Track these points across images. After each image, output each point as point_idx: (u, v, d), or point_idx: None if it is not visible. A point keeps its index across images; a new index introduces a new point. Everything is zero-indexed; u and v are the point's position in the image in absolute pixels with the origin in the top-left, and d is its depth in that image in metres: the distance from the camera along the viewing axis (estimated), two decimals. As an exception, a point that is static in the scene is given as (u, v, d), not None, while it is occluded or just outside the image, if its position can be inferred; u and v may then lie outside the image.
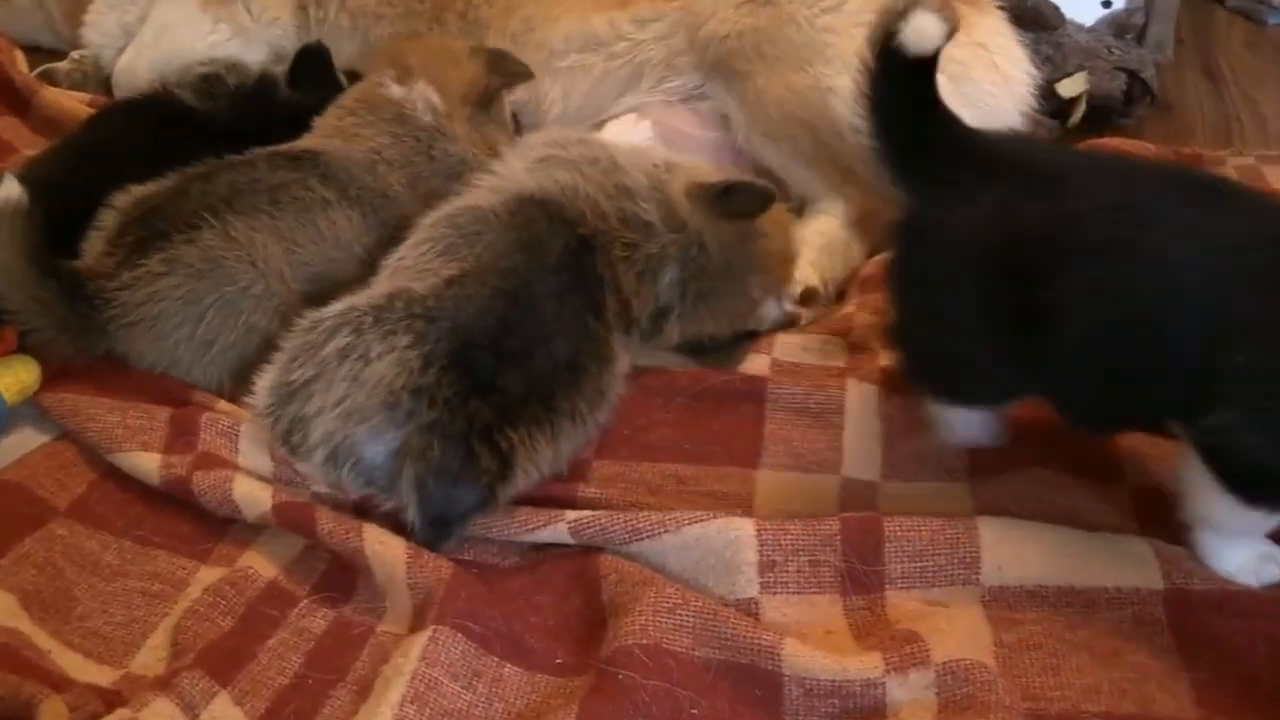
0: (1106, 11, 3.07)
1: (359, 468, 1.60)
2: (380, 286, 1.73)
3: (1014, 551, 1.53)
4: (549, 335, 1.68)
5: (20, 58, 3.00)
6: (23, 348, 1.87)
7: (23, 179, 1.97)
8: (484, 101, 2.23)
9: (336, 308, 1.66)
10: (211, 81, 2.27)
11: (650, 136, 2.26)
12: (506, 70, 2.27)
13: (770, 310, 2.06)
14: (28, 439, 1.83)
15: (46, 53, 3.16)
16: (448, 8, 2.61)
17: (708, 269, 1.90)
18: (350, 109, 2.17)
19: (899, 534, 1.55)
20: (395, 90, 2.17)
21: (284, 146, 2.08)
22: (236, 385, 1.86)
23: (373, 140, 2.10)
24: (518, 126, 2.41)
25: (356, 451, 1.59)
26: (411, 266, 1.75)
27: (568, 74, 2.50)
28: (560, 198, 1.84)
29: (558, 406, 1.66)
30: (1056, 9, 2.89)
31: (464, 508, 1.59)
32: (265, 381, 1.67)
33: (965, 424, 1.73)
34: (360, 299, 1.67)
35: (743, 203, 1.91)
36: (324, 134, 2.14)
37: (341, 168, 2.03)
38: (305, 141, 2.12)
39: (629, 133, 2.23)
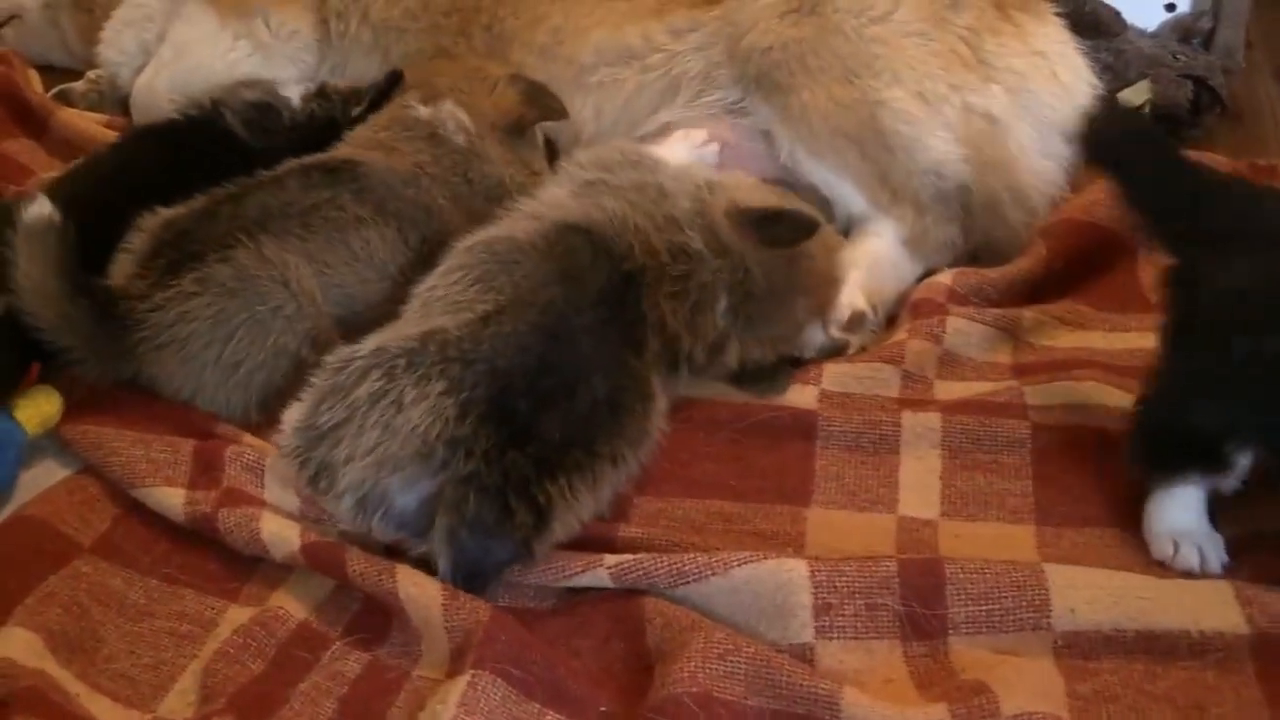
0: (1170, 15, 3.07)
1: (389, 516, 1.61)
2: (412, 324, 1.75)
3: (1086, 594, 1.53)
4: (588, 373, 1.68)
5: (35, 78, 3.05)
6: (44, 378, 1.91)
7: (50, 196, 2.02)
8: (516, 130, 2.26)
9: (367, 347, 1.68)
10: (265, 113, 2.32)
11: (714, 155, 2.27)
12: (544, 105, 2.31)
13: (815, 336, 2.07)
14: (49, 472, 1.86)
15: (61, 72, 3.21)
16: (473, 21, 2.64)
17: (754, 293, 1.91)
18: (385, 125, 2.21)
19: (961, 576, 1.56)
20: (422, 110, 2.20)
21: (321, 156, 2.12)
22: (263, 411, 1.90)
23: (414, 155, 2.14)
24: (552, 148, 2.43)
25: (387, 500, 1.60)
26: (444, 298, 1.77)
27: (599, 89, 2.52)
28: (608, 228, 1.85)
29: (599, 451, 1.66)
30: (1117, 14, 2.90)
31: (497, 561, 1.60)
32: (292, 421, 1.68)
33: (1180, 512, 1.66)
34: (392, 340, 1.68)
35: (784, 233, 1.94)
36: (362, 145, 2.17)
37: (381, 181, 2.07)
38: (343, 150, 2.16)
39: (690, 152, 2.23)
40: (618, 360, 1.74)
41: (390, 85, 2.36)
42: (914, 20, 2.31)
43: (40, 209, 1.81)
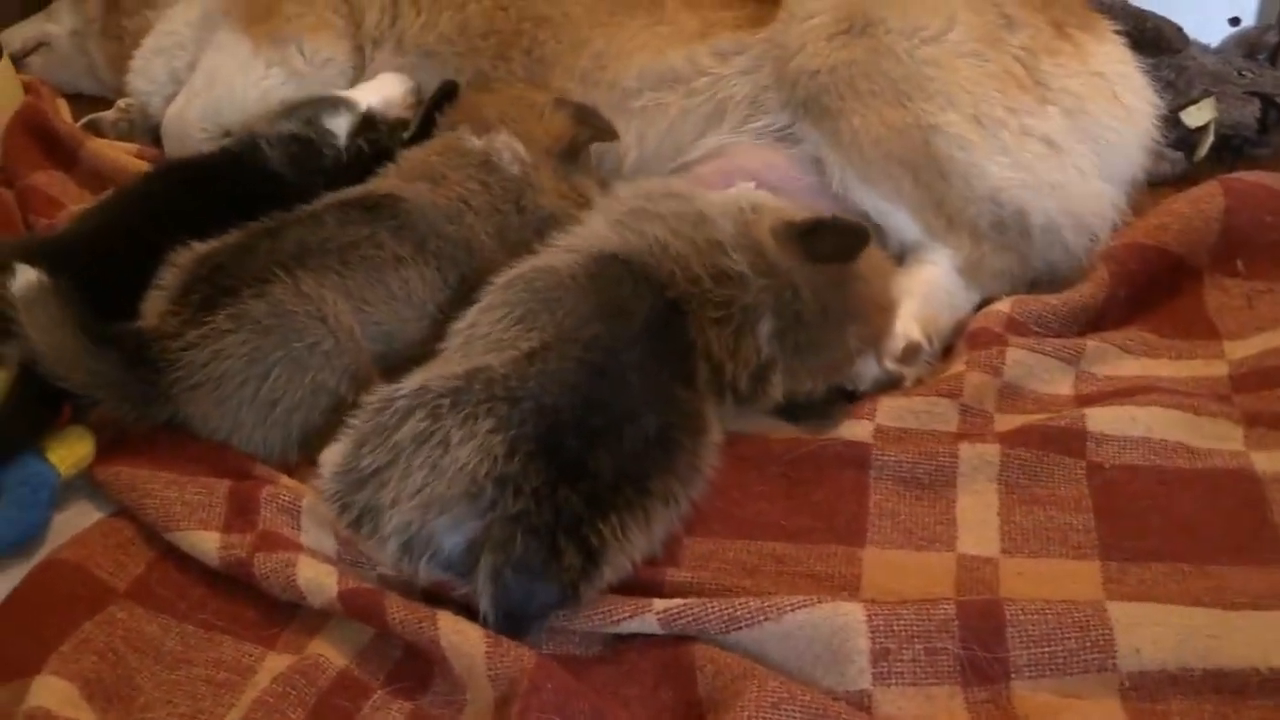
0: (1235, 30, 3.07)
1: (436, 558, 1.62)
2: (454, 362, 1.76)
3: (1151, 632, 1.52)
4: (637, 409, 1.69)
5: (64, 107, 3.09)
6: (76, 417, 1.93)
7: (74, 233, 2.14)
8: (570, 154, 2.28)
9: (408, 386, 1.69)
10: (307, 149, 2.34)
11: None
12: (595, 125, 2.33)
13: (869, 368, 2.07)
14: (83, 514, 1.88)
15: (90, 100, 3.26)
16: (512, 44, 2.67)
17: (803, 316, 1.91)
18: (438, 151, 2.24)
19: (1022, 618, 1.55)
20: (475, 142, 2.23)
21: (361, 190, 2.15)
22: (302, 451, 1.92)
23: (461, 185, 2.16)
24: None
25: (435, 543, 1.61)
26: (486, 335, 1.78)
27: (642, 114, 2.54)
28: (647, 256, 1.87)
29: (651, 489, 1.67)
30: (1179, 29, 2.90)
31: (542, 604, 1.60)
32: (331, 463, 1.70)
33: None
34: (434, 379, 1.69)
35: (833, 243, 1.93)
36: (409, 173, 2.20)
37: (422, 217, 2.09)
38: (386, 183, 2.18)
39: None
40: (667, 394, 1.75)
41: (444, 96, 2.40)
42: (968, 41, 2.31)
43: (25, 278, 1.82)
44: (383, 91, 2.55)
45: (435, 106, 2.40)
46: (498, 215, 2.16)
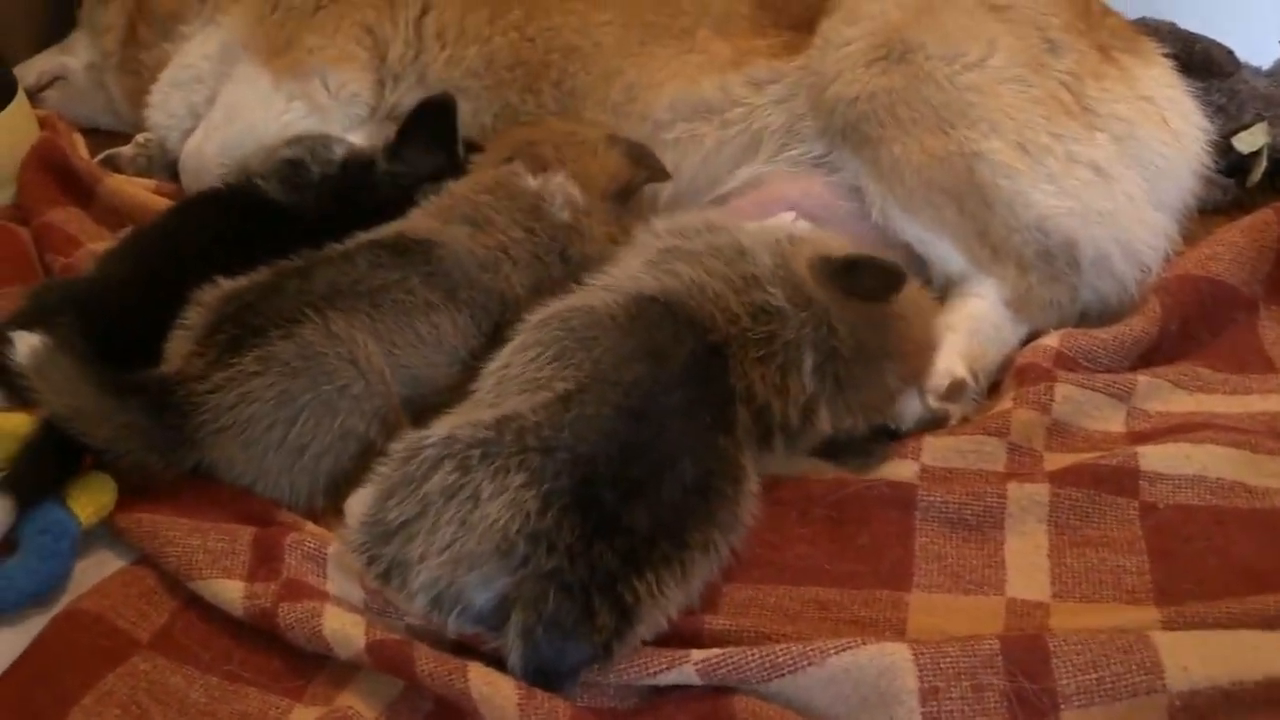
0: (1287, 52, 3.08)
1: (466, 614, 1.62)
2: (485, 407, 1.77)
3: (1198, 651, 1.52)
4: (676, 457, 1.69)
5: (81, 143, 3.11)
6: (99, 464, 1.94)
7: (99, 277, 2.15)
8: (624, 196, 2.28)
9: (436, 435, 1.69)
10: (297, 169, 2.36)
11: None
12: (649, 165, 2.34)
13: (912, 406, 2.08)
14: (104, 563, 1.89)
15: (107, 135, 3.29)
16: (541, 77, 2.69)
17: (839, 351, 1.92)
18: (488, 188, 2.24)
19: (1065, 648, 1.55)
20: (531, 181, 2.23)
21: (394, 230, 2.15)
22: (330, 497, 1.92)
23: (503, 233, 2.16)
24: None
25: (464, 599, 1.61)
26: (519, 376, 1.79)
27: (676, 146, 2.56)
28: (686, 298, 1.87)
29: (689, 541, 1.66)
30: (1229, 52, 2.90)
31: (573, 662, 1.60)
32: (358, 515, 1.71)
33: None
34: (463, 427, 1.69)
35: (869, 282, 1.94)
36: (450, 211, 2.20)
37: (456, 264, 2.09)
38: (423, 224, 2.18)
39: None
40: (707, 441, 1.74)
41: (421, 118, 2.40)
42: (1011, 66, 2.33)
43: (27, 345, 1.83)
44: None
45: (418, 123, 2.40)
46: (538, 265, 2.16)
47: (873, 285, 1.94)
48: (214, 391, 1.88)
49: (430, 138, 2.39)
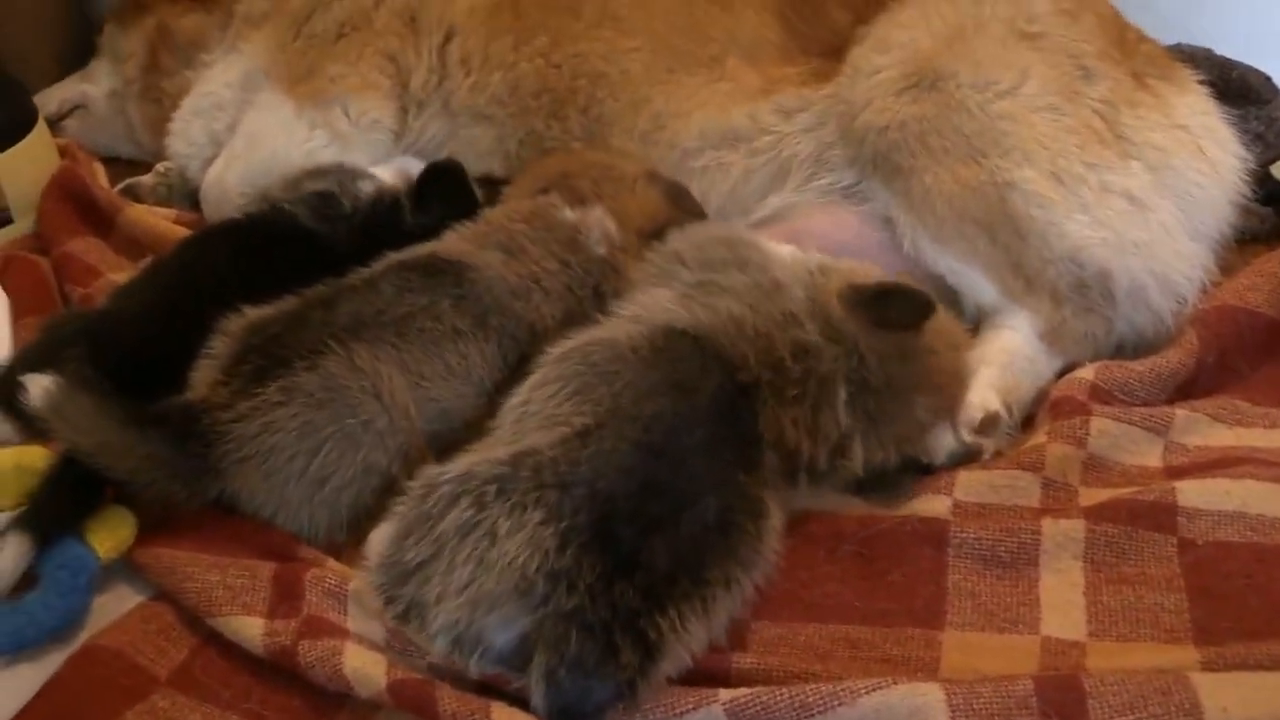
0: (1327, 80, 3.06)
1: (486, 655, 1.62)
2: (502, 445, 1.77)
3: (1239, 693, 1.52)
4: (697, 494, 1.68)
5: (101, 172, 3.15)
6: (118, 498, 1.95)
7: (114, 309, 2.17)
8: (660, 236, 2.25)
9: (452, 471, 1.69)
10: (328, 201, 2.38)
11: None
12: (687, 207, 2.34)
13: (944, 440, 2.08)
14: (122, 599, 1.90)
15: (127, 164, 3.32)
16: (567, 103, 2.71)
17: (870, 383, 1.92)
18: (524, 218, 2.24)
19: (1102, 688, 1.55)
20: (569, 214, 2.24)
21: (426, 251, 2.16)
22: (351, 533, 1.93)
23: (537, 263, 2.16)
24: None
25: (484, 640, 1.61)
26: (538, 413, 1.79)
27: (703, 175, 2.57)
28: (720, 334, 1.87)
29: (710, 577, 1.66)
30: (1267, 79, 2.90)
31: (597, 702, 1.59)
32: (376, 553, 1.71)
33: None
34: (480, 464, 1.69)
35: (898, 311, 1.94)
36: (484, 237, 2.20)
37: (487, 290, 2.10)
38: (456, 246, 2.18)
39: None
40: (728, 478, 1.74)
41: (431, 182, 2.41)
42: (1044, 94, 2.33)
43: (39, 387, 1.84)
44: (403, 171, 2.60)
45: (430, 188, 2.41)
46: (570, 298, 2.17)
47: (901, 315, 1.94)
48: (238, 420, 1.90)
49: (445, 200, 2.39)
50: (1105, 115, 2.34)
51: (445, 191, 2.40)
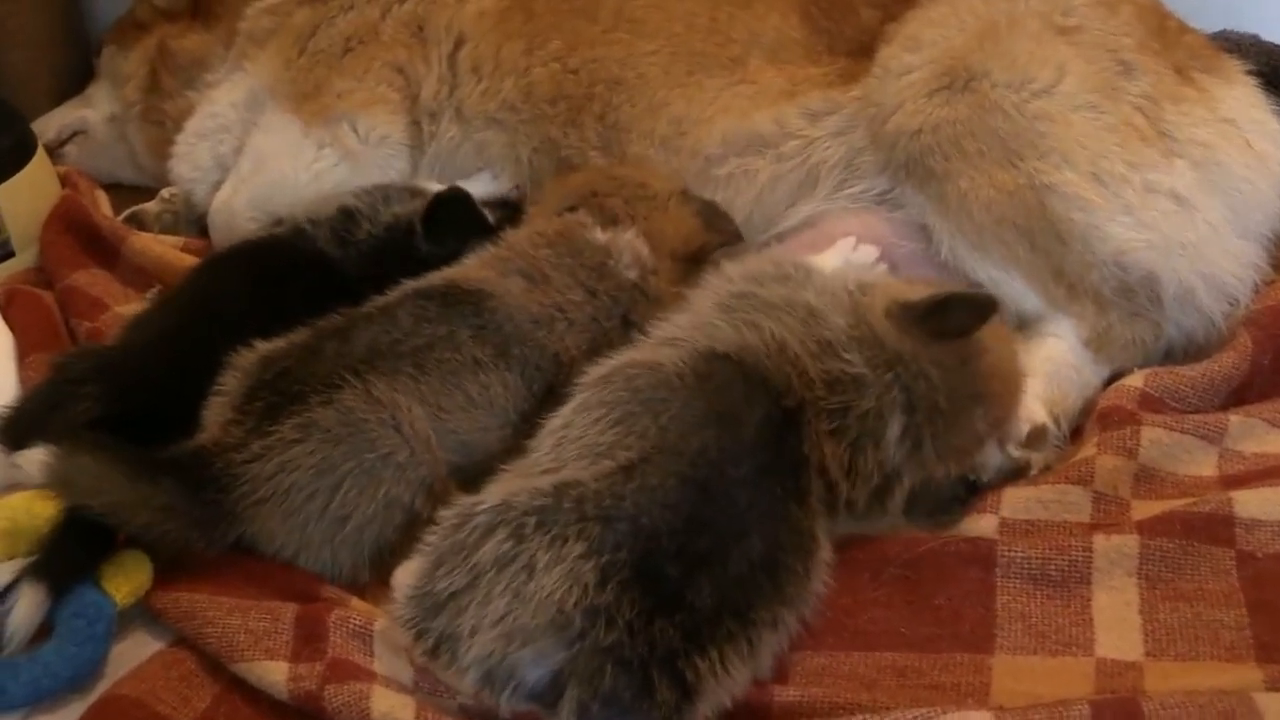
0: (1379, 64, 3.06)
1: (519, 690, 1.63)
2: (542, 467, 1.79)
3: None
4: (743, 531, 1.70)
5: (104, 199, 3.18)
6: (132, 541, 1.96)
7: (126, 345, 2.19)
8: (696, 260, 2.27)
9: (489, 501, 1.70)
10: (350, 220, 2.41)
11: (870, 257, 2.33)
12: (722, 229, 2.34)
13: (991, 455, 2.08)
14: (142, 646, 1.92)
15: (130, 191, 3.35)
16: (584, 110, 2.73)
17: (935, 401, 1.92)
18: (549, 241, 2.25)
19: (1161, 713, 1.57)
20: (599, 236, 2.25)
21: (443, 279, 2.17)
22: (374, 570, 1.94)
23: (562, 293, 2.17)
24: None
25: (518, 675, 1.62)
26: (579, 439, 1.80)
27: (728, 182, 2.58)
28: (763, 356, 1.88)
29: (756, 618, 1.67)
30: (1317, 66, 2.89)
31: None
32: (406, 586, 1.72)
33: None
34: (518, 493, 1.70)
35: (957, 318, 1.95)
36: (506, 263, 2.21)
37: (508, 319, 2.11)
38: (476, 273, 2.19)
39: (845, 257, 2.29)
40: (777, 513, 1.75)
41: (439, 213, 2.41)
42: (1082, 92, 2.34)
43: (34, 464, 1.86)
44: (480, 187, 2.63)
45: (435, 216, 2.41)
46: (595, 329, 2.17)
47: (962, 320, 1.95)
48: (253, 461, 1.91)
49: (455, 229, 2.40)
50: (1147, 112, 2.35)
51: (454, 220, 2.41)
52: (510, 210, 2.57)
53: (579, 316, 2.17)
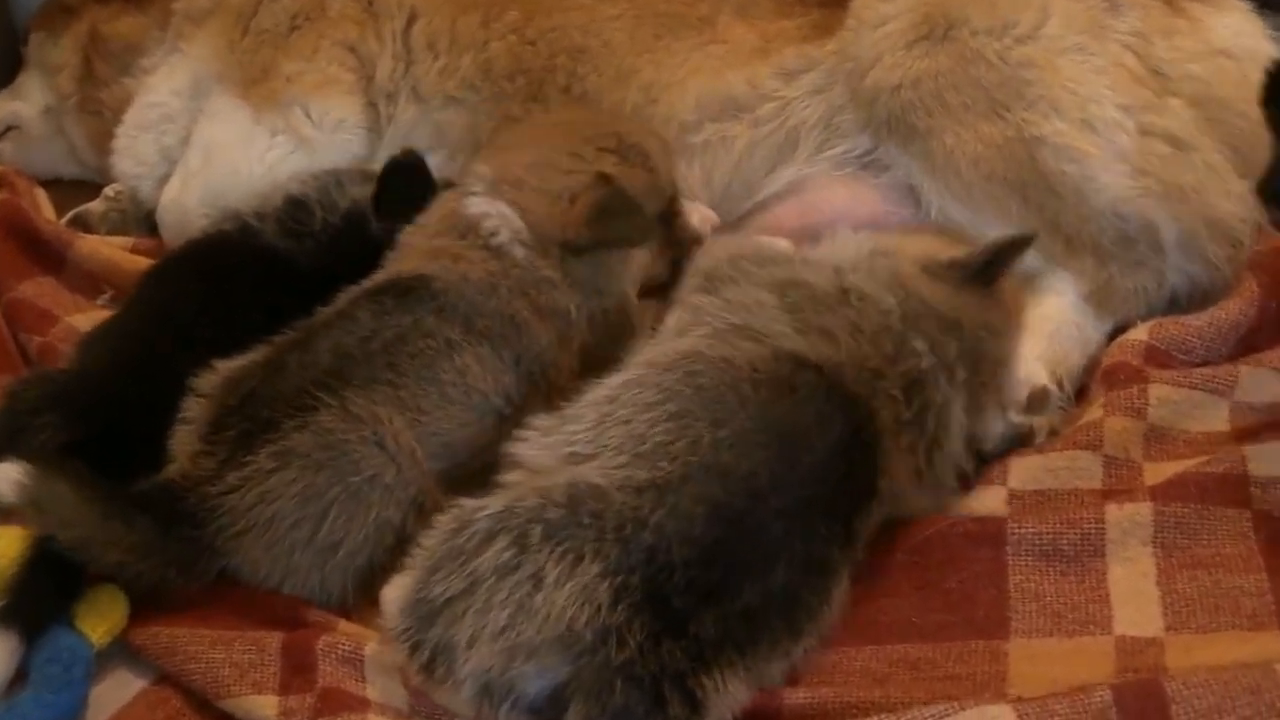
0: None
1: (518, 705, 1.63)
2: (568, 457, 1.78)
3: None
4: (768, 564, 1.69)
5: (44, 199, 3.17)
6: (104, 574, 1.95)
7: (82, 367, 2.19)
8: (576, 253, 2.23)
9: (491, 505, 1.70)
10: (298, 211, 2.40)
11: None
12: (616, 231, 2.23)
13: (994, 424, 2.09)
14: (124, 685, 1.92)
15: (72, 186, 3.34)
16: (546, 83, 2.73)
17: (989, 357, 1.98)
18: (436, 230, 2.26)
19: (1185, 692, 1.58)
20: (474, 205, 2.24)
21: (385, 276, 2.18)
22: (364, 595, 1.95)
23: (483, 264, 2.17)
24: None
25: (516, 689, 1.63)
26: (626, 424, 1.77)
27: (705, 150, 2.59)
28: (848, 369, 1.86)
29: (761, 652, 1.68)
30: (1317, -19, 2.89)
31: None
32: (398, 597, 1.72)
33: None
34: (525, 496, 1.70)
35: (1008, 259, 2.00)
36: (421, 255, 2.21)
37: (460, 295, 2.11)
38: (408, 264, 2.19)
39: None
40: (813, 555, 1.74)
41: (391, 180, 2.41)
42: (1067, 34, 2.35)
43: (8, 480, 1.85)
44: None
45: (389, 185, 2.41)
46: (533, 290, 2.17)
47: (1005, 262, 2.00)
48: (230, 492, 1.91)
49: (407, 198, 2.38)
50: (1137, 50, 2.36)
51: (408, 188, 2.39)
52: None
53: (510, 281, 2.16)
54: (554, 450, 1.81)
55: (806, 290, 1.96)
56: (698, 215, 2.37)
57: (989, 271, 1.98)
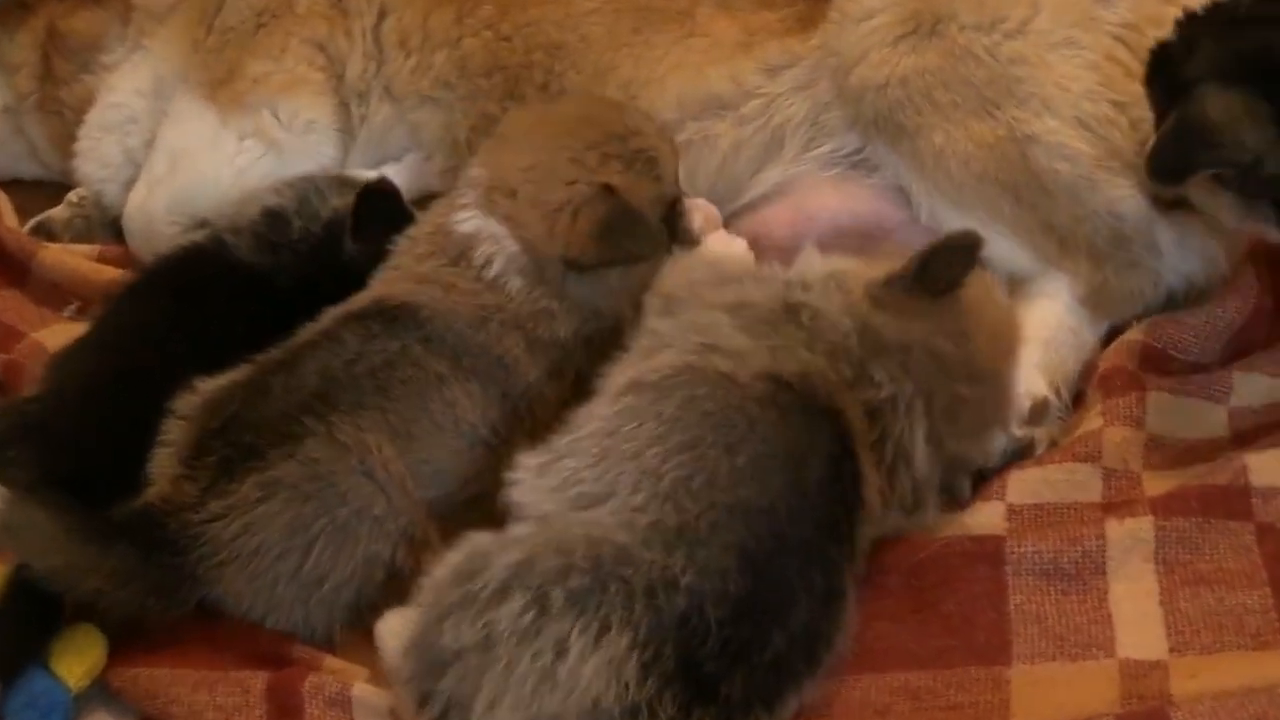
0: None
1: None
2: (576, 499, 1.76)
3: None
4: (790, 604, 1.68)
5: (5, 203, 3.14)
6: (80, 614, 1.95)
7: (53, 392, 2.16)
8: (579, 270, 2.18)
9: (507, 556, 1.66)
10: (275, 222, 2.38)
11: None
12: (624, 248, 2.18)
13: (996, 439, 2.09)
14: (105, 729, 1.92)
15: (33, 188, 3.29)
16: (523, 80, 2.71)
17: (955, 374, 1.93)
18: (424, 250, 2.22)
19: (1192, 723, 1.59)
20: (465, 223, 2.20)
21: (369, 298, 2.15)
22: (351, 630, 1.95)
23: (474, 298, 2.14)
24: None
25: None
26: (635, 458, 1.74)
27: (688, 150, 2.55)
28: (820, 382, 1.84)
29: (786, 702, 1.68)
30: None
31: None
32: (399, 632, 1.71)
33: None
34: (545, 554, 1.65)
35: (950, 265, 1.94)
36: (410, 280, 2.18)
37: (447, 328, 2.09)
38: (392, 289, 2.17)
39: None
40: (830, 581, 1.74)
41: (365, 209, 2.37)
42: (1057, 28, 2.34)
43: None
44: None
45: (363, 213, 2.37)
46: (524, 330, 2.14)
47: (954, 267, 1.94)
48: (212, 521, 1.90)
49: (382, 224, 2.33)
50: (1129, 41, 2.33)
51: (383, 215, 2.36)
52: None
53: (504, 315, 2.14)
54: (558, 492, 1.79)
55: (752, 311, 1.94)
56: (700, 215, 2.34)
57: (930, 279, 1.93)
